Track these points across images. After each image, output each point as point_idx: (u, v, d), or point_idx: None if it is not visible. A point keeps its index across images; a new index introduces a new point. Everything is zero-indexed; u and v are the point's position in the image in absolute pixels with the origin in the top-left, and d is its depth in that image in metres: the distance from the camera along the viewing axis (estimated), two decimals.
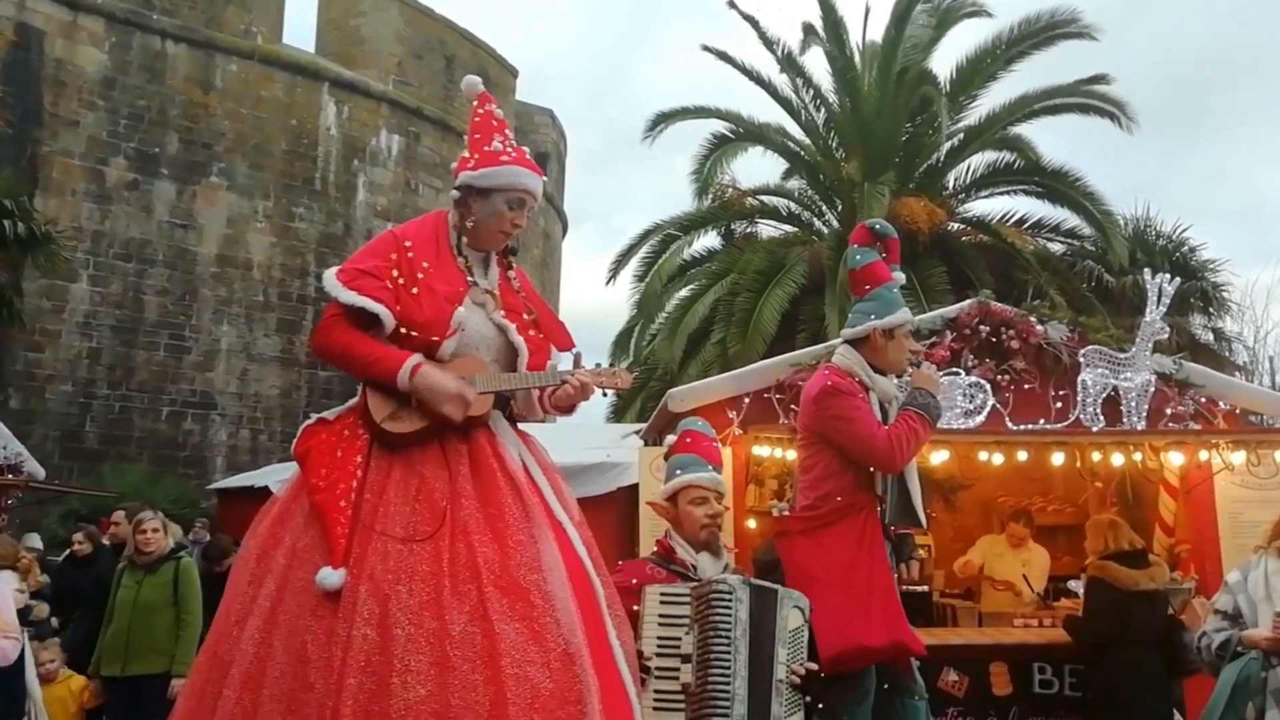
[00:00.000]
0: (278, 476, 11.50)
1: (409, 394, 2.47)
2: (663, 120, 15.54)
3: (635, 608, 3.07)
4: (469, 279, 2.65)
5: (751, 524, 6.53)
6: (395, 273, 2.54)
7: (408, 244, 2.60)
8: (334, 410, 2.63)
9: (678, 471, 3.42)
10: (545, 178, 2.86)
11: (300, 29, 19.07)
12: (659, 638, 3.05)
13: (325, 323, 2.57)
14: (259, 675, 2.27)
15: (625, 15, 69.11)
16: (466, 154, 2.71)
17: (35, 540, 9.28)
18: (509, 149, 2.71)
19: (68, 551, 7.60)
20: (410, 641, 2.19)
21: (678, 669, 3.00)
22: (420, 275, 2.55)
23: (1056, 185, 14.63)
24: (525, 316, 2.71)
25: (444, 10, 19.83)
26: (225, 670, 2.32)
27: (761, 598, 3.10)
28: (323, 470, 2.45)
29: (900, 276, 3.96)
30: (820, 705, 3.17)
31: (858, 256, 3.95)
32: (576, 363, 2.70)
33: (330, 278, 2.57)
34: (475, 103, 2.79)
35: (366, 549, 2.32)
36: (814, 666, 3.17)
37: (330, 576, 2.28)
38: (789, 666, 3.07)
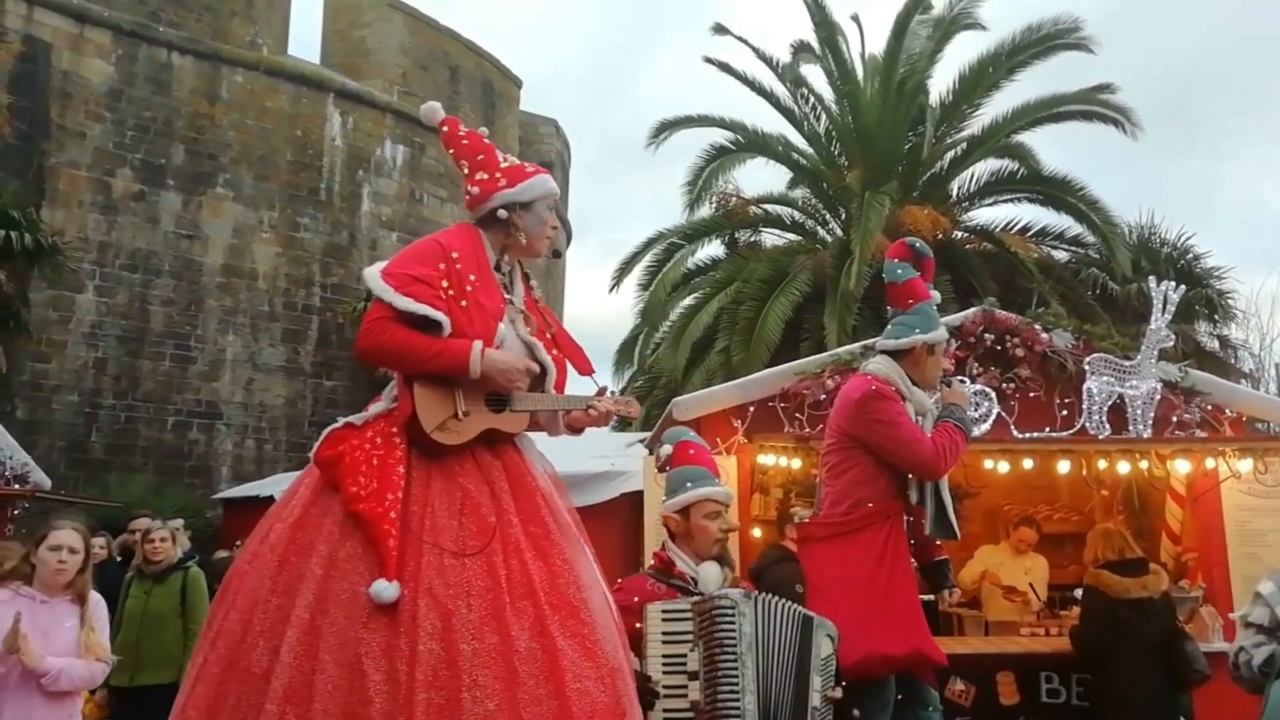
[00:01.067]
0: (283, 486, 11.48)
1: (464, 383, 2.46)
2: (666, 129, 15.60)
3: (638, 625, 3.05)
4: (506, 296, 2.69)
5: (756, 533, 6.52)
6: (445, 283, 2.54)
7: (455, 255, 2.59)
8: (360, 416, 2.58)
9: (687, 484, 3.37)
10: None
11: (305, 40, 19.24)
12: (664, 656, 3.02)
13: (373, 324, 2.50)
14: (306, 689, 2.20)
15: (628, 24, 69.36)
16: (484, 176, 2.72)
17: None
18: (524, 162, 2.82)
19: None
20: (476, 656, 2.19)
21: (685, 686, 2.97)
22: (469, 289, 2.56)
23: (1059, 194, 14.64)
24: (548, 335, 2.75)
25: (448, 21, 19.94)
26: (255, 683, 2.24)
27: (768, 613, 3.06)
28: (361, 478, 2.40)
29: (937, 295, 4.00)
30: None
31: (899, 271, 3.95)
32: (600, 393, 2.74)
33: (378, 280, 2.51)
34: (447, 129, 2.81)
35: (420, 562, 2.30)
36: (839, 694, 3.18)
37: (388, 589, 2.24)
38: (823, 693, 3.07)
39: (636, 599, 3.14)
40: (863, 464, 3.70)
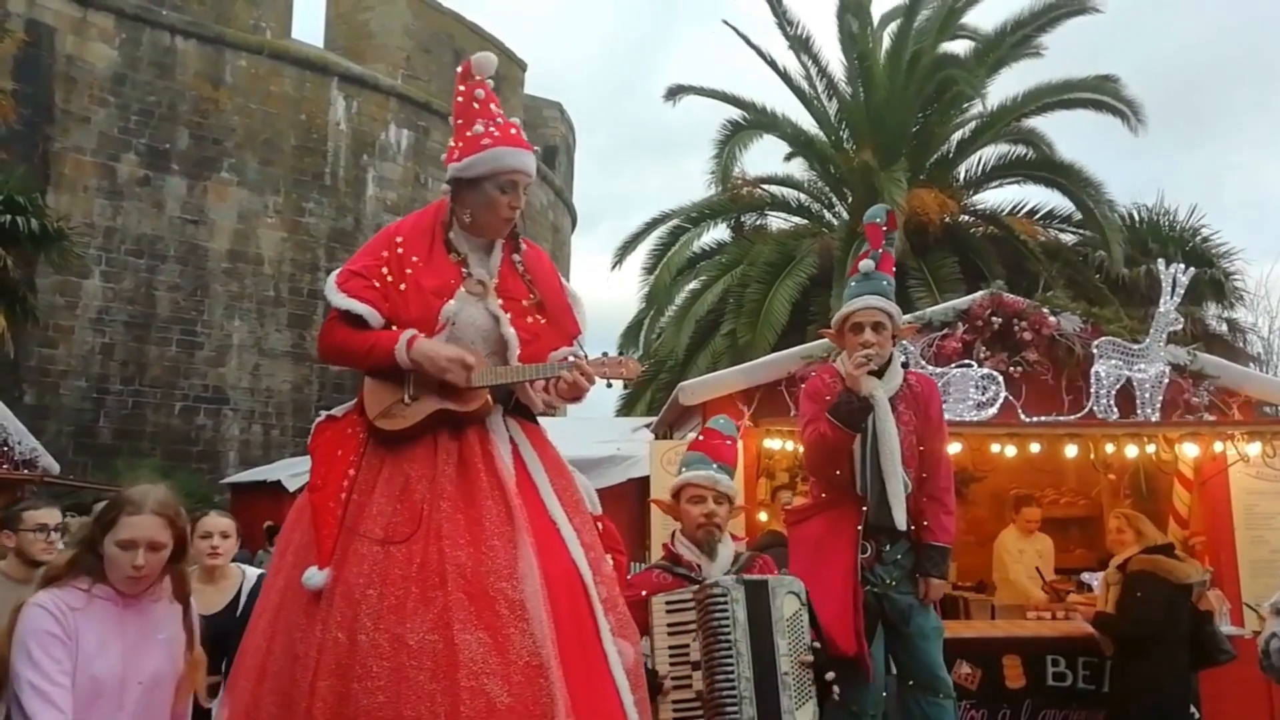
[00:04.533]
0: (290, 471, 11.54)
1: (412, 370, 2.45)
2: (679, 91, 15.53)
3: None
4: (463, 270, 2.58)
5: (763, 516, 6.53)
6: (385, 270, 2.53)
7: (399, 240, 2.58)
8: (342, 407, 2.63)
9: (683, 469, 3.41)
10: (536, 149, 2.72)
11: (309, 24, 19.15)
12: (670, 647, 3.03)
13: (326, 326, 2.60)
14: (263, 669, 2.32)
15: (641, 23, 69.54)
16: (450, 144, 2.62)
17: None
18: (491, 130, 2.56)
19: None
20: (373, 647, 2.19)
21: (690, 677, 2.98)
22: (409, 271, 2.52)
23: (1062, 178, 14.55)
24: (525, 303, 2.62)
25: (451, 4, 19.85)
26: (244, 657, 2.41)
27: (756, 593, 3.05)
28: (321, 469, 2.48)
29: (867, 264, 3.81)
30: (835, 691, 3.14)
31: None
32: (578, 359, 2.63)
33: (330, 281, 2.57)
34: (460, 70, 2.66)
35: (347, 551, 2.33)
36: (816, 647, 3.13)
37: (314, 577, 2.31)
38: (792, 657, 3.02)
39: (645, 593, 3.15)
40: None
